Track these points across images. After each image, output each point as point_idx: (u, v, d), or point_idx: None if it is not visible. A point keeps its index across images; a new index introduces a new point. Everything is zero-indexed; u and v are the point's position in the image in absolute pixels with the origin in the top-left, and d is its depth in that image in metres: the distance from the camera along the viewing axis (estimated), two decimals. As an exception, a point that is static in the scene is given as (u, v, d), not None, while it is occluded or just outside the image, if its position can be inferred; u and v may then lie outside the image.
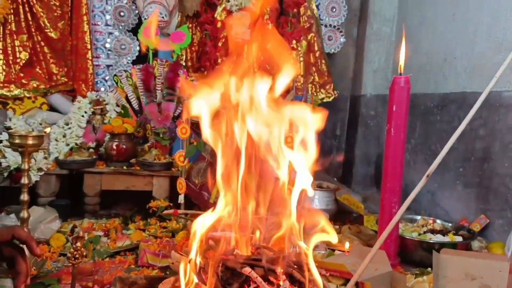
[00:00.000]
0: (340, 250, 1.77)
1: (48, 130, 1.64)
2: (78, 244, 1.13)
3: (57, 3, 2.75)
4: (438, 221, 2.02)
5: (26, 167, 1.55)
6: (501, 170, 1.97)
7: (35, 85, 2.71)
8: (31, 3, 2.70)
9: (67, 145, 2.25)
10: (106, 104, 2.35)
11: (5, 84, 2.64)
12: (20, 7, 2.68)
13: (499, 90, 1.98)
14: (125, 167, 2.22)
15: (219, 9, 2.67)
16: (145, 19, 2.54)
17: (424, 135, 2.65)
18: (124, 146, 2.20)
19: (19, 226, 0.86)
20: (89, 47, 2.87)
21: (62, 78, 2.83)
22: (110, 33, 2.98)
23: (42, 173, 2.11)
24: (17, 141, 1.53)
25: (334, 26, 3.13)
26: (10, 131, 1.59)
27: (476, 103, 1.55)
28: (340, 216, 2.32)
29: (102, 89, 2.96)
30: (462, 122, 1.39)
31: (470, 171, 2.18)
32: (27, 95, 2.68)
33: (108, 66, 3.01)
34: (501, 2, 2.02)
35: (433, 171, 1.38)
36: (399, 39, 3.14)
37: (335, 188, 2.41)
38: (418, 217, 2.07)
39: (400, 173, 1.76)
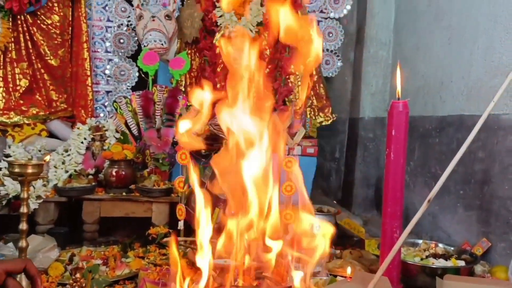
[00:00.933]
0: (342, 276, 1.75)
1: (47, 158, 1.64)
2: (77, 275, 1.11)
3: (58, 31, 2.79)
4: (440, 245, 2.00)
5: (26, 196, 1.54)
6: (501, 193, 1.97)
7: (34, 111, 2.72)
8: (32, 32, 2.73)
9: (66, 171, 2.25)
10: (106, 130, 2.36)
11: (5, 111, 2.65)
12: (21, 35, 2.71)
13: (497, 113, 1.99)
14: (124, 194, 2.21)
15: (218, 35, 2.71)
16: (144, 46, 2.58)
17: (423, 158, 2.65)
18: (123, 173, 2.19)
19: (30, 260, 0.87)
20: (89, 73, 2.90)
21: (62, 105, 2.84)
22: (110, 60, 3.02)
23: (41, 200, 2.10)
24: (16, 170, 1.53)
25: (331, 51, 3.17)
26: (9, 159, 1.59)
27: (474, 129, 1.56)
28: (341, 240, 2.30)
29: (102, 114, 2.97)
30: (461, 147, 1.39)
31: (471, 194, 2.18)
32: (27, 122, 2.69)
33: (107, 92, 3.03)
34: (496, 27, 2.06)
35: (434, 195, 1.38)
36: (395, 62, 3.18)
37: (335, 212, 2.40)
38: (420, 241, 2.05)
39: (401, 197, 1.75)
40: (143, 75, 2.53)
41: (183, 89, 2.79)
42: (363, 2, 3.25)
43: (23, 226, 1.49)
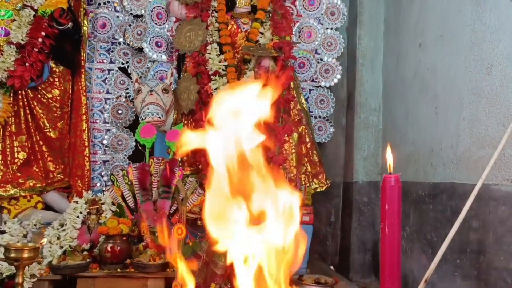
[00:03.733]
0: None
1: (44, 241, 1.65)
2: None
3: (58, 105, 2.86)
4: (441, 318, 1.97)
5: (20, 280, 1.54)
6: (498, 264, 1.97)
7: (31, 184, 2.74)
8: (32, 105, 2.81)
9: (61, 247, 2.24)
10: (102, 203, 2.38)
11: (2, 184, 2.66)
12: (21, 109, 2.78)
13: (487, 183, 2.03)
14: (119, 270, 2.18)
15: (213, 107, 2.79)
16: (142, 119, 2.65)
17: (419, 223, 2.67)
18: (118, 248, 2.19)
19: None
20: (86, 144, 2.95)
21: (59, 175, 2.87)
22: (108, 130, 3.09)
23: (35, 279, 2.07)
24: (12, 255, 1.53)
25: (324, 117, 3.26)
26: (5, 245, 1.60)
27: (466, 206, 1.60)
28: (340, 313, 2.26)
29: (98, 184, 3.00)
30: (455, 217, 1.42)
31: (468, 263, 2.18)
32: (23, 194, 2.70)
33: (104, 161, 3.07)
34: (480, 100, 2.15)
35: (430, 274, 1.39)
36: (386, 127, 3.28)
37: (333, 282, 2.37)
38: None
39: (398, 271, 1.75)
40: (140, 147, 2.58)
41: (179, 159, 2.84)
42: (352, 71, 3.40)
43: (17, 310, 1.47)
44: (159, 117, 2.65)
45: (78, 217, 2.36)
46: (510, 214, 1.94)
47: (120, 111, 3.08)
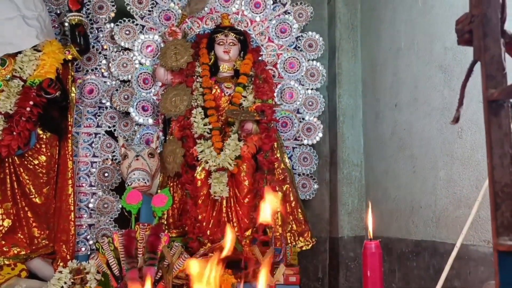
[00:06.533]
0: None
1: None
2: None
3: (44, 171, 2.89)
4: None
5: None
6: (482, 325, 2.00)
7: (16, 251, 2.71)
8: (18, 172, 2.83)
9: (45, 320, 2.20)
10: (87, 273, 2.36)
11: (-15, 253, 2.64)
12: (8, 177, 2.79)
13: (466, 244, 2.09)
14: None
15: (199, 169, 2.86)
16: (128, 185, 2.69)
17: (404, 280, 2.69)
18: (103, 320, 2.16)
19: None
20: (72, 208, 2.94)
21: (43, 241, 2.84)
22: (94, 194, 3.11)
23: None
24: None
25: (307, 175, 3.34)
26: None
27: (446, 267, 1.65)
28: None
29: (83, 249, 2.98)
30: (437, 277, 1.46)
31: (454, 324, 2.19)
32: (7, 263, 2.67)
33: (90, 225, 3.07)
34: (454, 161, 2.25)
35: None
36: (368, 182, 3.36)
37: None
38: None
39: None
40: (126, 213, 2.60)
41: (165, 222, 2.86)
42: (333, 127, 3.51)
43: None
44: (145, 183, 2.69)
45: (62, 287, 2.34)
46: (489, 275, 1.99)
47: (106, 174, 3.11)
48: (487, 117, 0.64)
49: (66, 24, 3.11)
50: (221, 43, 3.07)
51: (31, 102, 2.73)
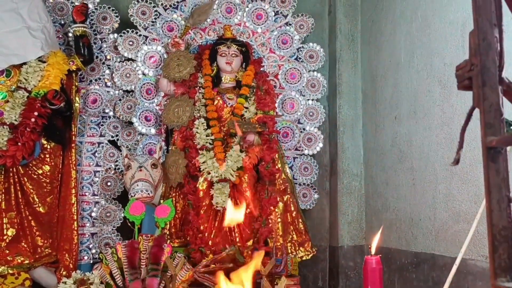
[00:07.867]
0: None
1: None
2: None
3: (48, 180, 2.92)
4: None
5: None
6: (479, 338, 2.03)
7: (19, 260, 2.74)
8: (23, 182, 2.86)
9: (49, 330, 2.23)
10: (91, 283, 2.39)
11: (-10, 263, 2.66)
12: (12, 186, 2.82)
13: (465, 258, 2.12)
14: None
15: (201, 179, 2.90)
16: (131, 196, 2.72)
17: (404, 292, 2.73)
18: (107, 331, 2.19)
19: None
20: (75, 217, 2.98)
21: (46, 250, 2.87)
22: (97, 203, 3.14)
23: None
24: None
25: (308, 184, 3.37)
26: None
27: (447, 282, 1.68)
28: None
29: (86, 257, 3.01)
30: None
31: (451, 336, 2.22)
32: (11, 272, 2.70)
33: (92, 234, 3.10)
34: (453, 176, 2.29)
35: None
36: (368, 193, 3.39)
37: None
38: None
39: None
40: (129, 224, 2.63)
41: (167, 232, 2.89)
42: (334, 138, 3.55)
43: None
44: (148, 194, 2.72)
45: (66, 298, 2.37)
46: (487, 289, 2.02)
47: (109, 183, 3.14)
48: (485, 163, 0.68)
49: (70, 34, 3.14)
50: (223, 55, 3.10)
51: (36, 113, 2.76)
